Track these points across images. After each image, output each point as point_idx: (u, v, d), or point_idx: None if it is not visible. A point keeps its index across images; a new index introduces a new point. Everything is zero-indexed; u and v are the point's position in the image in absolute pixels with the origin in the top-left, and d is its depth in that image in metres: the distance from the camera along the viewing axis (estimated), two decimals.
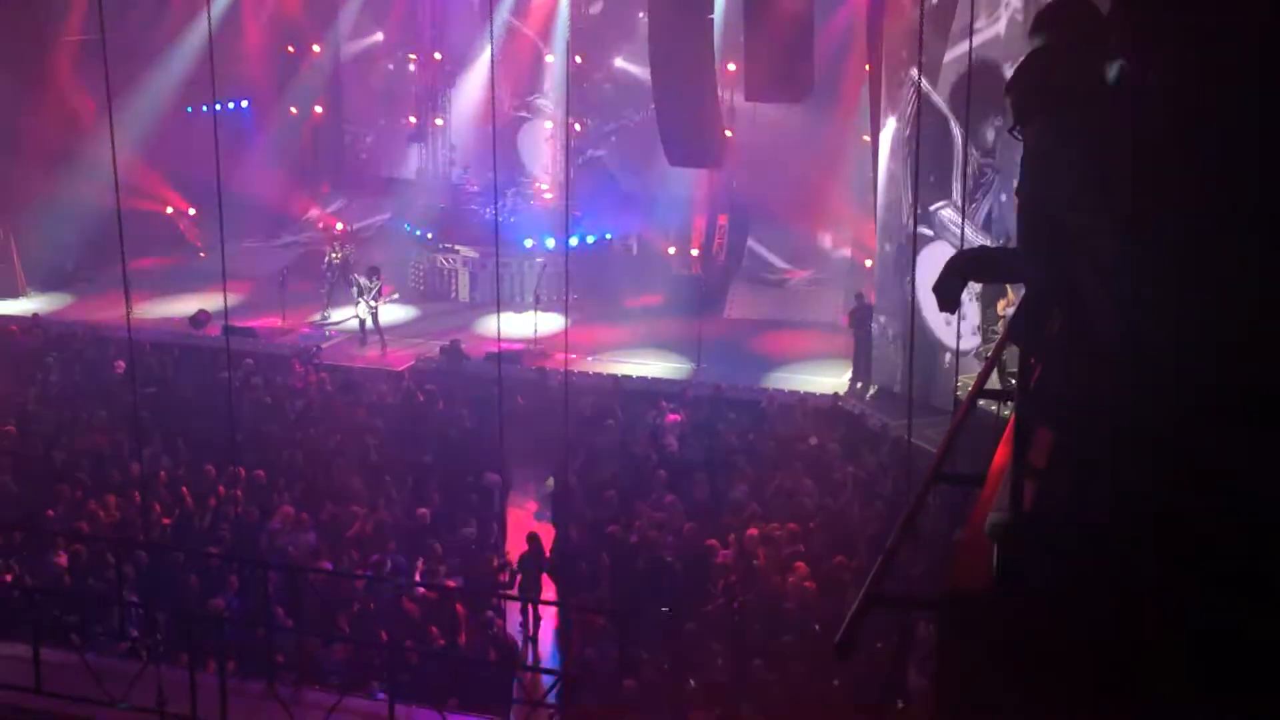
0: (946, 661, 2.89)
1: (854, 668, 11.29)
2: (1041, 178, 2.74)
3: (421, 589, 13.95)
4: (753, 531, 15.00)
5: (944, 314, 8.67)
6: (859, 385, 21.11)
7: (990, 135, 18.40)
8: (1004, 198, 18.39)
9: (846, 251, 26.62)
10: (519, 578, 14.88)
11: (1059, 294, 2.69)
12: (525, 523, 16.82)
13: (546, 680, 11.51)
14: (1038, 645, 2.48)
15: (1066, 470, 2.69)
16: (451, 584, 14.27)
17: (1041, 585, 2.58)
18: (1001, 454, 3.42)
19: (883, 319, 20.80)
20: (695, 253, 27.04)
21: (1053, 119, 2.86)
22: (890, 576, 3.49)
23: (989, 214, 18.97)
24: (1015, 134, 3.31)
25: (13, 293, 26.65)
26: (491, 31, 23.59)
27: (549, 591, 15.03)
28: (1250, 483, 2.38)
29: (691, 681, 12.45)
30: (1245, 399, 2.39)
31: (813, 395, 20.52)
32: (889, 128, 20.46)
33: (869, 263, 22.99)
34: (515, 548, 16.01)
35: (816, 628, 12.73)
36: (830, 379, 21.68)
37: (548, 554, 15.18)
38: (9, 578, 13.55)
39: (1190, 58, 2.49)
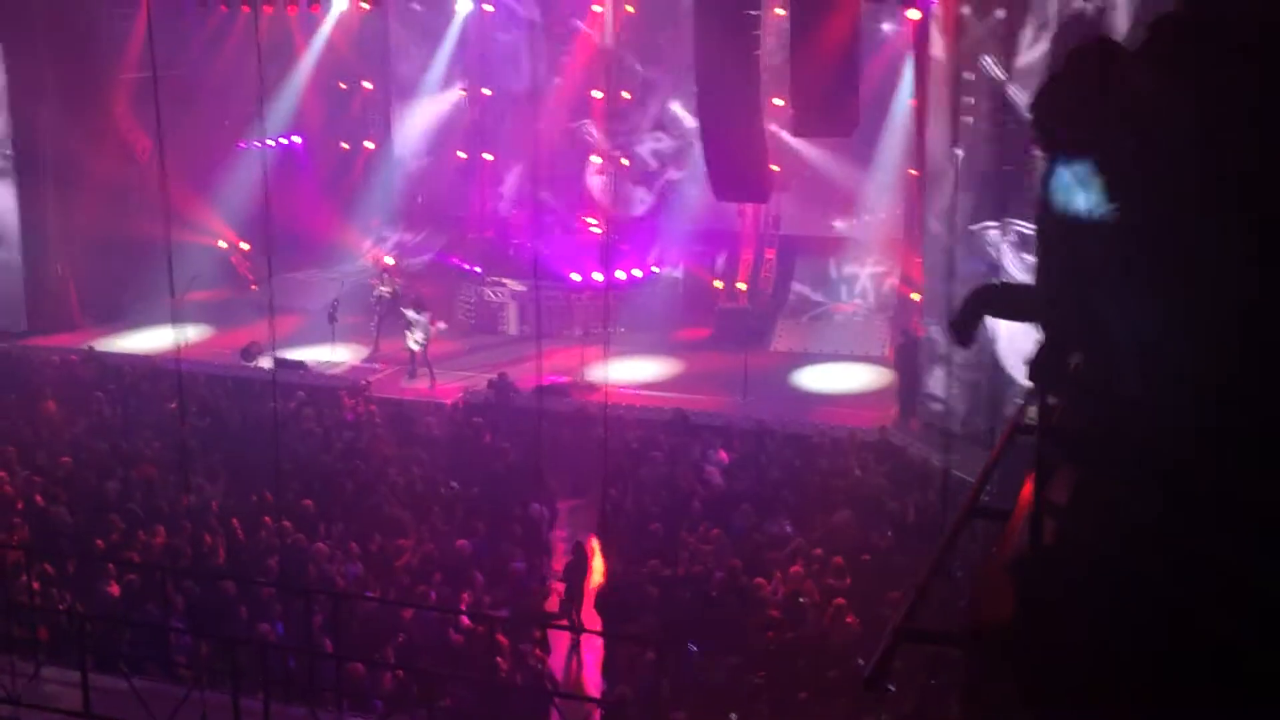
0: (973, 693, 2.92)
1: (899, 703, 11.25)
2: (1060, 209, 2.78)
3: (466, 619, 14.01)
4: (797, 568, 14.98)
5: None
6: (908, 420, 21.04)
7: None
8: None
9: (894, 284, 26.59)
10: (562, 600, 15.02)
11: (1078, 333, 2.72)
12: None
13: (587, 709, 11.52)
14: (1061, 678, 2.50)
15: (1087, 506, 2.72)
16: (495, 615, 14.32)
17: (1064, 619, 2.60)
18: (1028, 489, 3.45)
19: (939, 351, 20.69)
20: (742, 286, 27.10)
21: (1078, 155, 2.90)
22: (926, 611, 3.51)
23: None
24: (1040, 155, 3.33)
25: (69, 326, 27.07)
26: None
27: (593, 622, 15.08)
28: (1270, 514, 2.40)
29: (734, 716, 12.44)
30: (1262, 432, 2.41)
31: (860, 429, 20.46)
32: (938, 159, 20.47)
33: (916, 296, 22.95)
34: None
35: (860, 662, 12.68)
36: (877, 413, 21.62)
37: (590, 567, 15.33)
38: (62, 606, 13.74)
39: (1209, 101, 2.52)
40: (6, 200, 26.28)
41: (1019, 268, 18.01)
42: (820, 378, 24.26)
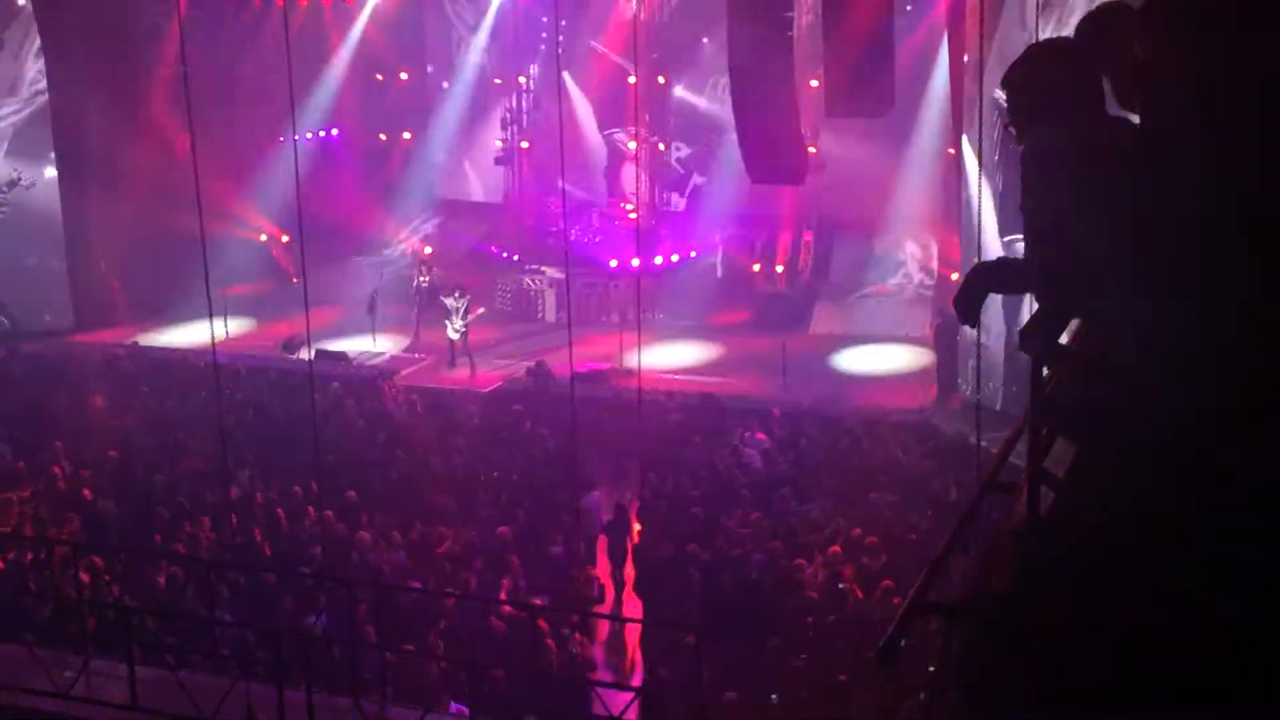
0: (967, 660, 2.94)
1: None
2: (1044, 183, 2.78)
3: (507, 606, 14.10)
4: (836, 549, 14.97)
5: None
6: (947, 400, 20.97)
7: None
8: None
9: (933, 265, 26.46)
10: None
11: (1071, 304, 2.73)
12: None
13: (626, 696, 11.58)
14: (1052, 648, 2.52)
15: (1083, 477, 2.73)
16: (538, 602, 14.41)
17: (1059, 588, 2.61)
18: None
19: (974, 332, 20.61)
20: (780, 269, 27.04)
21: (1058, 129, 2.90)
22: (947, 586, 3.53)
23: None
24: (1011, 131, 3.33)
25: (114, 321, 27.37)
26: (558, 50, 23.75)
27: (634, 606, 15.15)
28: (1263, 486, 2.40)
29: (774, 697, 12.47)
30: (1257, 403, 2.41)
31: (898, 410, 20.42)
32: (972, 141, 20.32)
33: (955, 276, 22.83)
34: (603, 566, 16.25)
35: (902, 643, 12.66)
36: (917, 393, 21.56)
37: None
38: (109, 599, 13.93)
39: (1199, 76, 2.52)
40: (50, 199, 26.57)
41: None
42: (860, 359, 24.20)
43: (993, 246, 19.83)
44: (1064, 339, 2.99)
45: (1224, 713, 2.34)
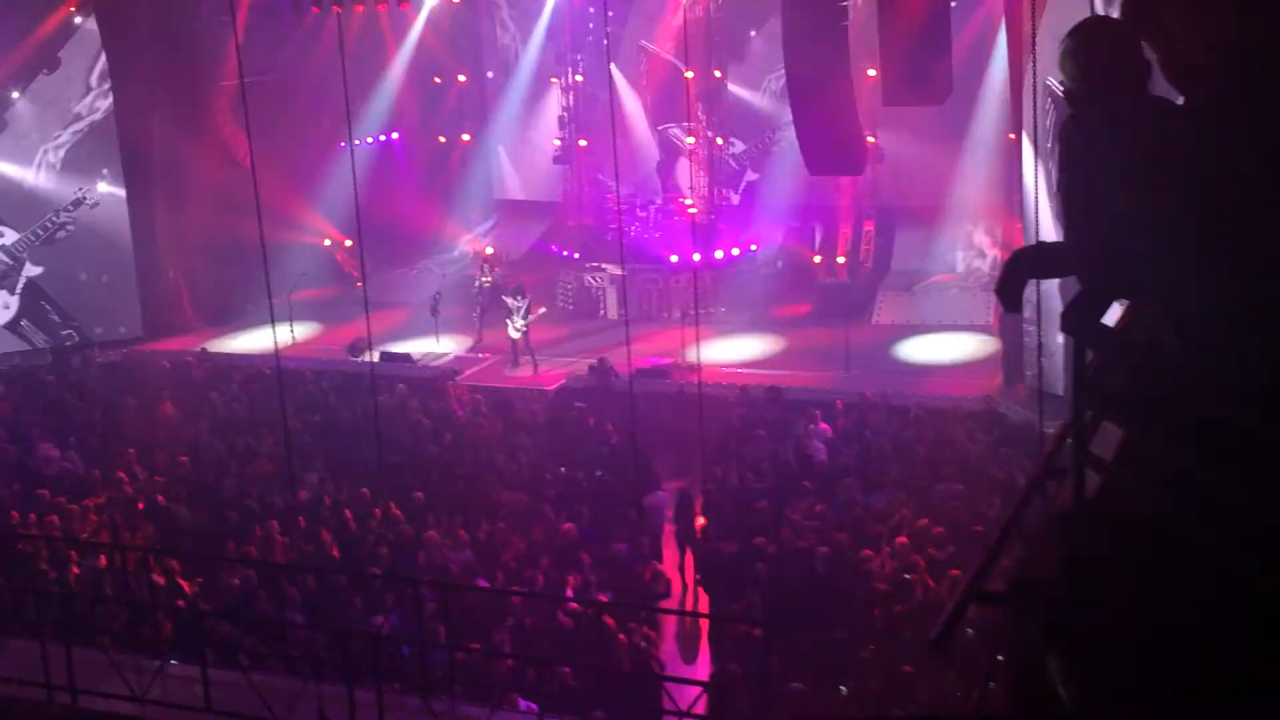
0: (1013, 646, 2.92)
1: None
2: (1085, 162, 2.75)
3: (574, 603, 14.15)
4: (903, 539, 14.87)
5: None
6: (1014, 387, 20.77)
7: None
8: None
9: (996, 252, 26.22)
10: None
11: (1112, 286, 2.70)
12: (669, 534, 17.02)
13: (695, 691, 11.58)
14: (1099, 631, 2.50)
15: (1128, 460, 2.70)
16: (604, 598, 14.45)
17: (1104, 572, 2.59)
18: None
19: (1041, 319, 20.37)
20: (841, 260, 26.92)
21: (1099, 108, 2.86)
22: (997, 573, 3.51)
23: None
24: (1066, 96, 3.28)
25: (184, 329, 27.79)
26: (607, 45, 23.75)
27: (701, 600, 15.16)
28: None
29: (843, 689, 12.43)
30: None
31: (965, 399, 20.26)
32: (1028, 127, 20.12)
33: None
34: (669, 561, 16.29)
35: (970, 632, 12.57)
36: (982, 382, 21.37)
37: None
38: (181, 602, 14.15)
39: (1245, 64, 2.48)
40: (118, 209, 26.99)
41: None
42: (924, 349, 24.04)
43: (1050, 233, 19.60)
44: (1111, 322, 2.96)
45: (1273, 696, 2.31)
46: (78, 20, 26.26)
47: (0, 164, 26.49)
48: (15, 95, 26.44)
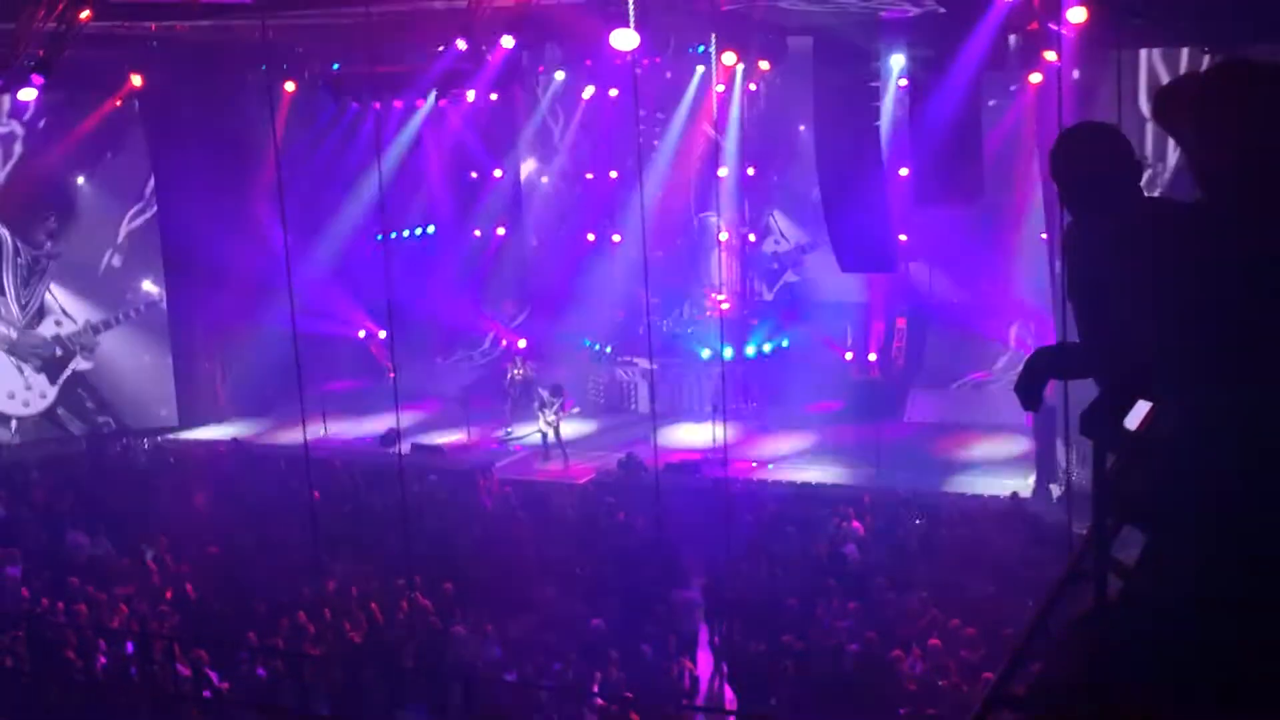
0: None
1: None
2: (1088, 270, 2.76)
3: (600, 700, 14.03)
4: (935, 641, 14.71)
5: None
6: (1047, 487, 20.61)
7: None
8: None
9: (1028, 351, 26.12)
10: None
11: (1130, 387, 2.70)
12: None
13: None
14: None
15: (1150, 564, 2.68)
16: (629, 695, 14.31)
17: (1125, 677, 2.56)
18: None
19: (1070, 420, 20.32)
20: (873, 357, 26.91)
21: (1094, 216, 2.88)
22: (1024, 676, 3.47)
23: None
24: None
25: (217, 418, 27.99)
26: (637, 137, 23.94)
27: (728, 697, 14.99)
28: None
29: None
30: None
31: (995, 498, 20.12)
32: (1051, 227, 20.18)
33: None
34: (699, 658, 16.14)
35: None
36: (1014, 482, 21.22)
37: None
38: (207, 693, 14.10)
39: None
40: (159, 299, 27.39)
41: None
42: (957, 447, 23.90)
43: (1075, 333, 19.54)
44: (1133, 424, 2.96)
45: None
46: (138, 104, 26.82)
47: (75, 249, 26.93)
48: (80, 180, 26.89)
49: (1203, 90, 2.66)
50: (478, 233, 32.07)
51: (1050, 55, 18.42)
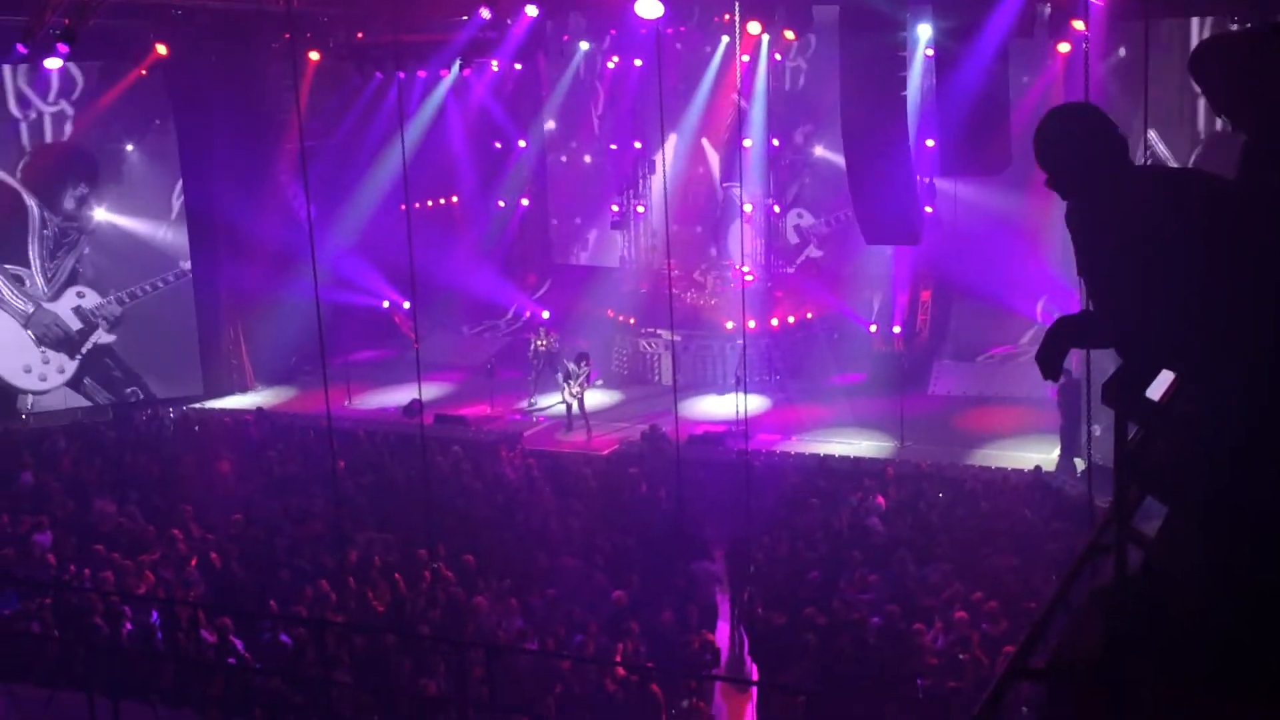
0: None
1: None
2: (1090, 248, 2.72)
3: (621, 670, 14.04)
4: (961, 614, 14.67)
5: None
6: (1071, 461, 20.53)
7: None
8: None
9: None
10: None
11: (1151, 359, 2.66)
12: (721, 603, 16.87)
13: None
14: (1139, 711, 2.44)
15: (1170, 536, 2.65)
16: (650, 665, 14.33)
17: (1145, 651, 2.53)
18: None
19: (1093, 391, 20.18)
20: (897, 330, 26.81)
21: (1086, 196, 2.83)
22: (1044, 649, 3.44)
23: None
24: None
25: (242, 388, 28.12)
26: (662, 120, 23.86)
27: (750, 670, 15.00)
28: None
29: None
30: None
31: (1019, 472, 20.04)
32: None
33: None
34: (720, 631, 16.14)
35: (1024, 710, 12.37)
36: (1038, 455, 21.12)
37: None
38: (232, 660, 14.18)
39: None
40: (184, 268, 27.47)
41: None
42: (981, 421, 23.83)
43: None
44: (1157, 394, 2.92)
45: None
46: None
47: (125, 219, 27.02)
48: (129, 147, 26.95)
49: (1252, 48, 2.62)
50: (501, 203, 32.08)
51: (1079, 24, 18.25)
